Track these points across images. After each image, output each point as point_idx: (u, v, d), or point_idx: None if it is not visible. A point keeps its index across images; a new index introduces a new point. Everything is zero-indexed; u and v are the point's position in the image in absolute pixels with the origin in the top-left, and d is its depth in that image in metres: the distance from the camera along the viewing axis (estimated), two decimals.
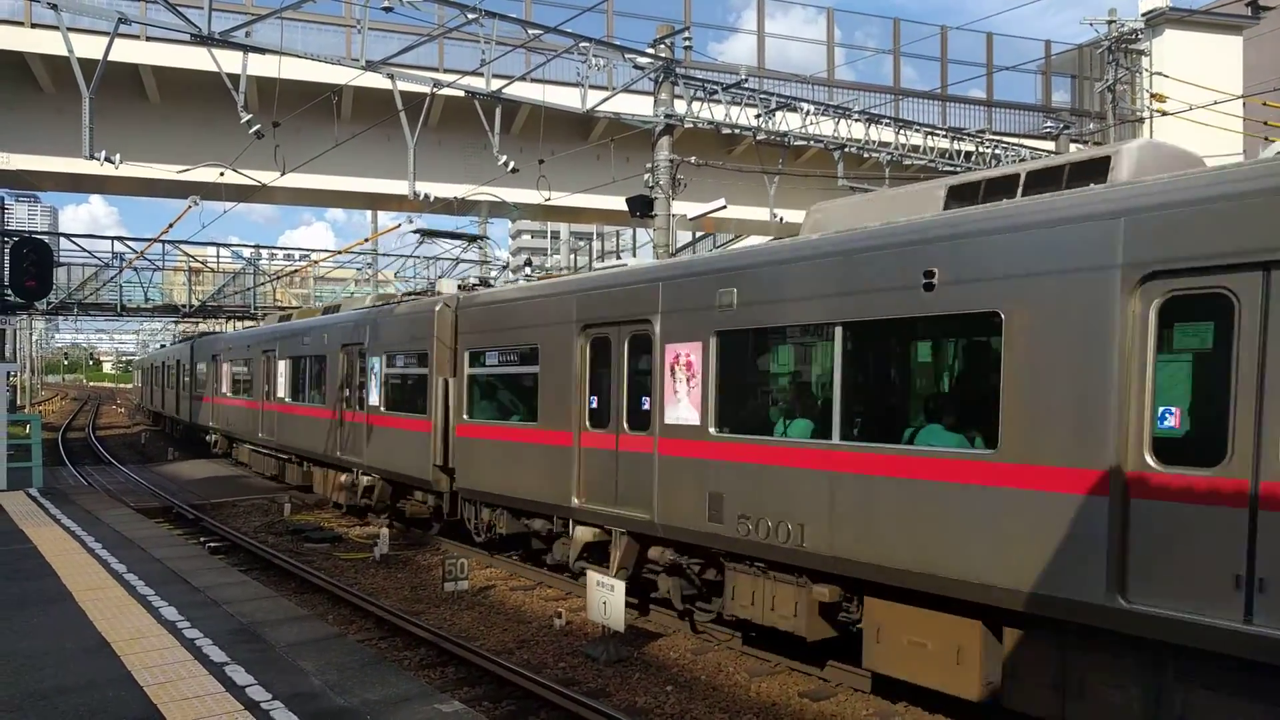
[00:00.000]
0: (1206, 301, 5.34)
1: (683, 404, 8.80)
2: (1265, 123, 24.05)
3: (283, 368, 20.13)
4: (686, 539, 8.89)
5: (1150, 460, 5.49)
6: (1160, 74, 24.68)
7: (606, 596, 8.97)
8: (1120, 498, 5.54)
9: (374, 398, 15.29)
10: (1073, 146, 25.51)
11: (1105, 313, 5.66)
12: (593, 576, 9.29)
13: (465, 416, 12.71)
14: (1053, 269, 5.95)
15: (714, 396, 8.51)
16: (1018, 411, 6.10)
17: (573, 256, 69.32)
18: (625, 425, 9.64)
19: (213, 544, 14.66)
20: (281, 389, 20.17)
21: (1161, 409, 5.52)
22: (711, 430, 8.51)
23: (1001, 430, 6.19)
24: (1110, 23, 24.06)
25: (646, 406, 9.34)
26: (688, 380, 8.74)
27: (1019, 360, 6.11)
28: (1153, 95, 24.46)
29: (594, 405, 10.21)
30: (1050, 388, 5.93)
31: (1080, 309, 5.79)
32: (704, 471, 8.54)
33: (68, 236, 32.85)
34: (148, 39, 19.87)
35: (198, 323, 40.22)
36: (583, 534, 10.35)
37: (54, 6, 12.51)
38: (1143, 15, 27.28)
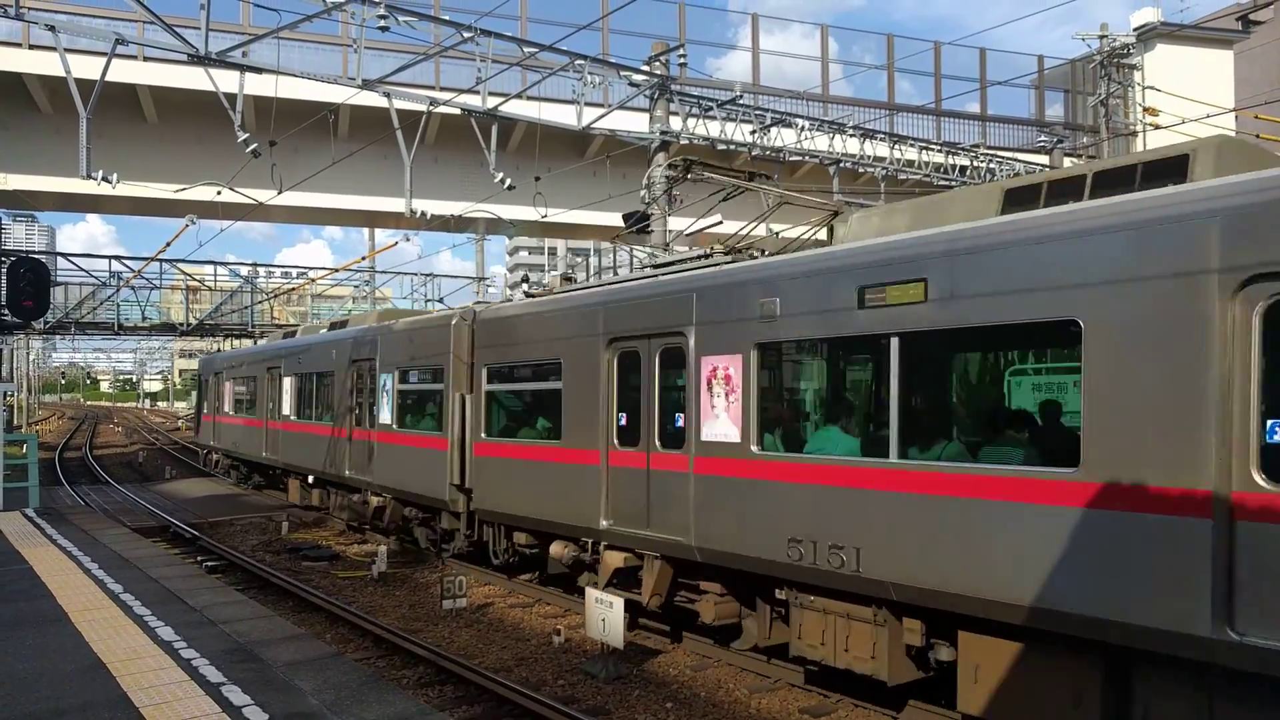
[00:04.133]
0: None
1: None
2: (1258, 136, 24.20)
3: (288, 385, 19.75)
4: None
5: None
6: (1152, 88, 24.86)
7: (605, 614, 8.94)
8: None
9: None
10: (1066, 160, 25.66)
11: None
12: (591, 593, 9.25)
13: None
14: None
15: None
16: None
17: (588, 266, 69.46)
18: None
19: (210, 563, 14.59)
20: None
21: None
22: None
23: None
24: (1102, 38, 24.26)
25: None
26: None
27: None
28: (1145, 109, 24.63)
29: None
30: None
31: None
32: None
33: (65, 256, 32.95)
34: (145, 59, 19.98)
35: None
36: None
37: (52, 28, 12.60)
38: (1134, 30, 27.52)
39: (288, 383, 19.72)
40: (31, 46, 19.52)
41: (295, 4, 13.89)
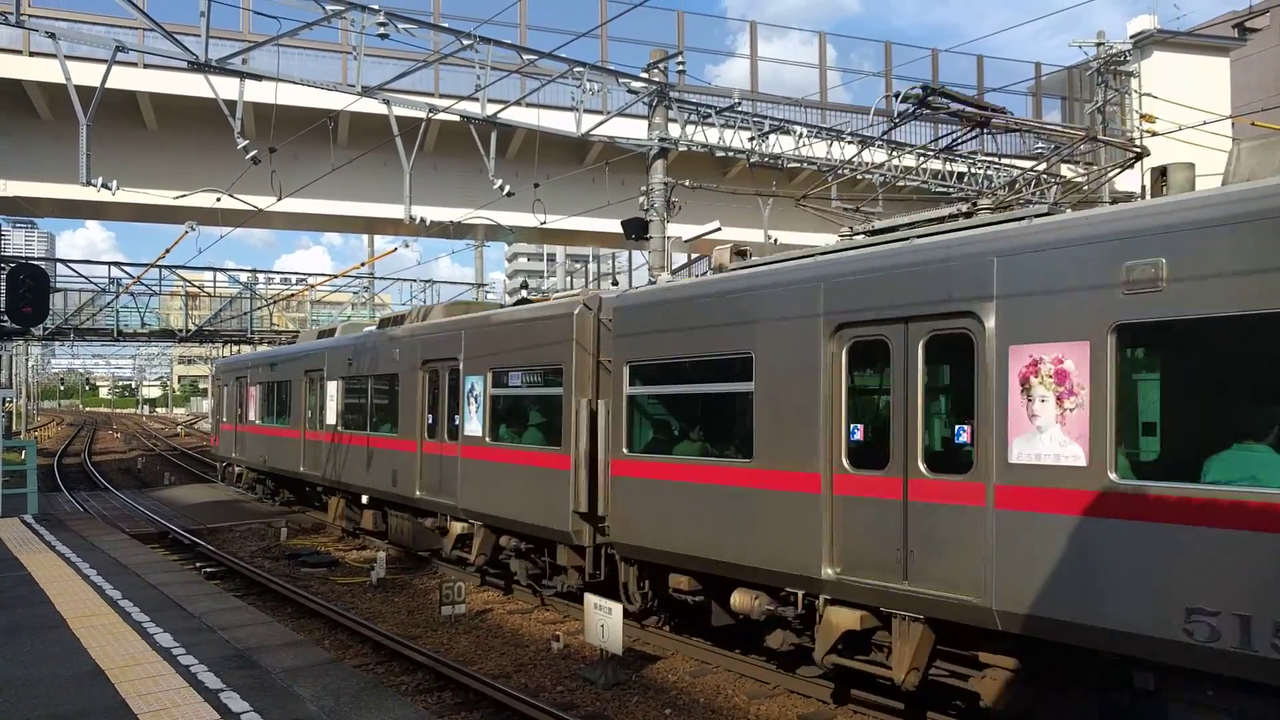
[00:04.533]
0: None
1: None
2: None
3: (333, 390, 17.63)
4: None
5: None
6: (1149, 95, 24.94)
7: (604, 619, 8.94)
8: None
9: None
10: (1064, 167, 25.72)
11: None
12: (590, 599, 9.24)
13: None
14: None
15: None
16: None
17: (569, 278, 69.59)
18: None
19: (209, 569, 14.60)
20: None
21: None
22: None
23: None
24: (1099, 45, 24.36)
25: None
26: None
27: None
28: (1142, 116, 24.70)
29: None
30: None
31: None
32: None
33: (64, 262, 32.95)
34: (145, 66, 20.03)
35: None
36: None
37: (52, 35, 12.63)
38: (1131, 37, 27.62)
39: (332, 388, 17.61)
40: (32, 54, 19.57)
41: (295, 11, 13.94)
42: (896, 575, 7.01)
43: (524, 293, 21.78)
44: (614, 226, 19.43)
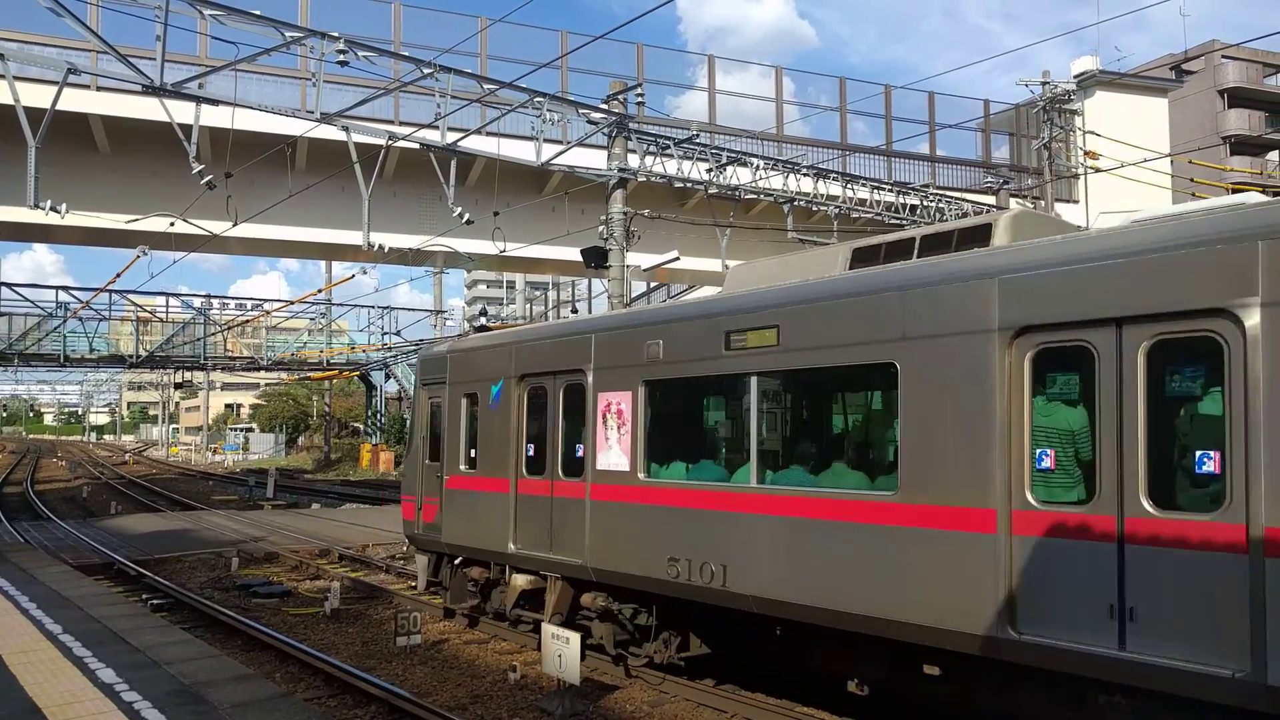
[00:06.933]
0: None
1: None
2: (1192, 179, 25.26)
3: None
4: None
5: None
6: (1093, 132, 25.84)
7: (561, 649, 8.89)
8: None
9: None
10: (1012, 201, 26.46)
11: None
12: (547, 629, 9.20)
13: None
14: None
15: None
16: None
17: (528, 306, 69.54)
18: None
19: (156, 601, 14.22)
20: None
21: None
22: None
23: None
24: (1044, 84, 25.21)
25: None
26: None
27: None
28: (1086, 153, 25.58)
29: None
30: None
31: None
32: None
33: (9, 286, 32.22)
34: (98, 89, 19.79)
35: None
36: None
37: (1, 56, 12.46)
38: (1074, 77, 28.66)
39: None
40: None
41: (254, 37, 13.92)
42: None
43: (483, 319, 21.75)
44: (574, 255, 19.56)
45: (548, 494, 9.76)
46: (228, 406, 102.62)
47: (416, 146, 15.58)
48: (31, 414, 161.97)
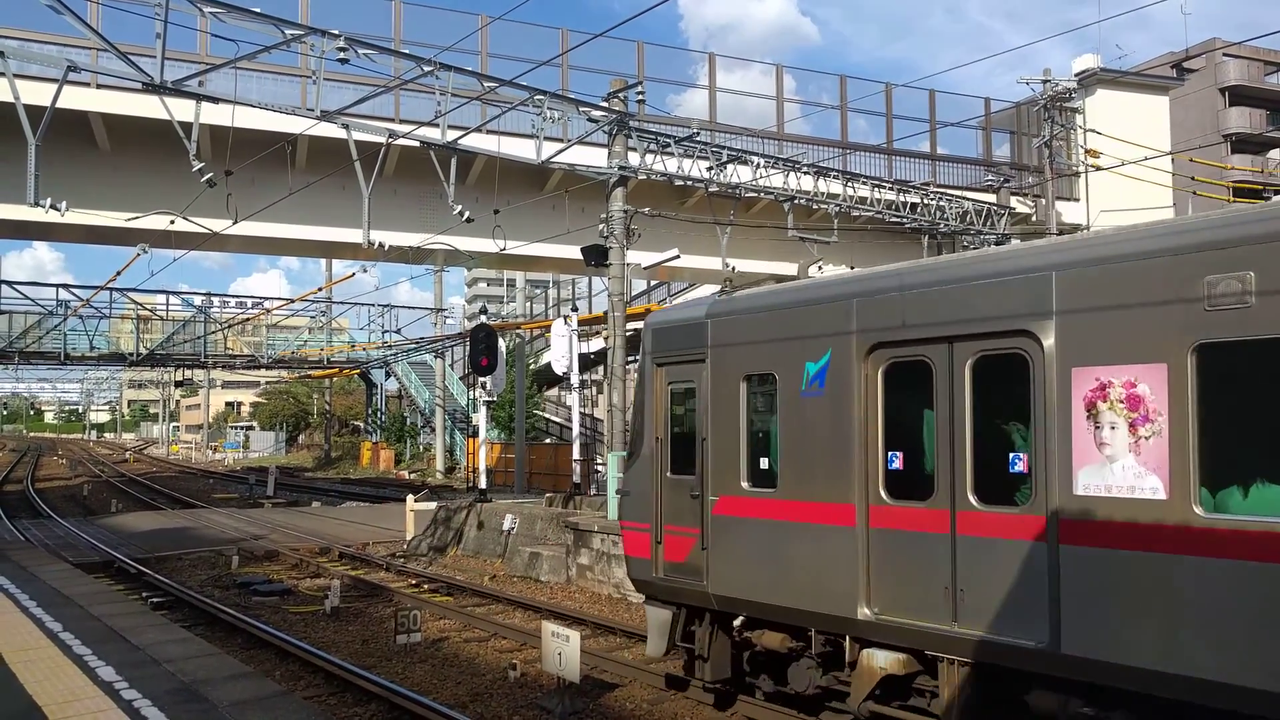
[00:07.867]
0: None
1: None
2: (1192, 178, 25.25)
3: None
4: None
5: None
6: (1094, 130, 25.81)
7: (562, 647, 8.89)
8: None
9: None
10: (1012, 199, 26.46)
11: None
12: (547, 627, 9.19)
13: None
14: None
15: None
16: None
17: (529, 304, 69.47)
18: None
19: (156, 599, 14.22)
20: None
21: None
22: None
23: None
24: (1045, 82, 25.18)
25: None
26: None
27: None
28: (1087, 151, 25.55)
29: None
30: None
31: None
32: None
33: (10, 284, 32.19)
34: (98, 86, 19.75)
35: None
36: None
37: (1, 54, 12.45)
38: (1075, 75, 28.60)
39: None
40: None
41: (254, 35, 13.90)
42: None
43: (483, 318, 21.73)
44: (574, 253, 19.53)
45: (942, 530, 6.49)
46: (228, 404, 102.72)
47: (417, 144, 15.56)
48: (32, 412, 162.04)
